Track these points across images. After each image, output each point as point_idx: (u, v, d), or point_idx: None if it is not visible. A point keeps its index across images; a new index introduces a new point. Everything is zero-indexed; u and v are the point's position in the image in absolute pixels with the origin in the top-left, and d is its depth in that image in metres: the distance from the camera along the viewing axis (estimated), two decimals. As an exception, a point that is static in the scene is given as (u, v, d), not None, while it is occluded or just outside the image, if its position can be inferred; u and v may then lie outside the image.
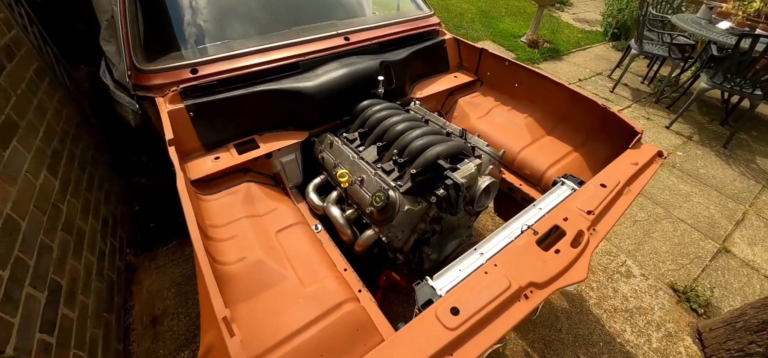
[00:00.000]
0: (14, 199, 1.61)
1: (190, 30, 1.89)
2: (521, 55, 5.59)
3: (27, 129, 1.91)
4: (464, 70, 2.52)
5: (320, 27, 2.09)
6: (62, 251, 1.79)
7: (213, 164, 1.62)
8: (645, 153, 1.58)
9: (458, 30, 6.53)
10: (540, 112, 2.11)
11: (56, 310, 1.58)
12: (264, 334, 1.06)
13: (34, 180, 1.80)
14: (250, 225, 1.42)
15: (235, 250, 1.29)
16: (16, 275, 1.45)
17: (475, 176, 1.35)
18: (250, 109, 1.75)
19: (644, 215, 2.79)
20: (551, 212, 1.28)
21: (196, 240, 1.03)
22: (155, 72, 1.67)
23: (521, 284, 1.00)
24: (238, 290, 1.17)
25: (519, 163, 1.89)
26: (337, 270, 1.34)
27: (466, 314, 0.91)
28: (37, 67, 2.29)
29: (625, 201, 1.36)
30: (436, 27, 2.47)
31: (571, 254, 1.10)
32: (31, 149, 1.88)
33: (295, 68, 1.87)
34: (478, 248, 1.20)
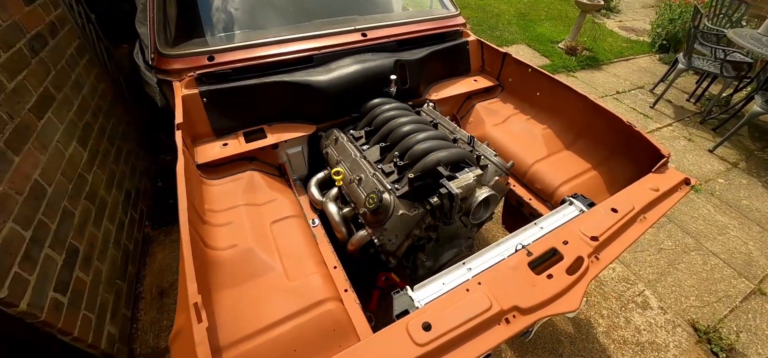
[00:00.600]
0: (43, 166, 1.73)
1: (211, 18, 1.94)
2: (557, 62, 5.32)
3: (62, 102, 2.04)
4: (486, 75, 2.43)
5: (339, 21, 2.08)
6: (83, 218, 1.91)
7: (220, 150, 1.67)
8: (669, 179, 1.44)
9: (493, 31, 6.33)
10: (560, 125, 1.99)
11: (71, 272, 1.70)
12: (242, 322, 1.08)
13: (63, 150, 1.93)
14: (247, 213, 1.44)
15: (229, 236, 1.32)
16: (37, 236, 1.56)
17: (473, 188, 1.29)
18: (261, 99, 1.77)
19: (671, 244, 2.58)
20: (552, 233, 1.20)
21: (183, 223, 1.05)
22: (175, 57, 1.73)
23: (503, 306, 0.94)
24: (225, 276, 1.19)
25: (530, 177, 1.80)
26: (325, 267, 1.33)
27: (437, 331, 0.87)
28: (78, 45, 2.45)
29: (638, 230, 1.25)
30: (460, 28, 2.39)
31: (564, 280, 1.02)
32: (64, 121, 2.01)
33: (309, 61, 1.88)
34: (467, 263, 1.15)
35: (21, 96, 1.73)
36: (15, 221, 1.47)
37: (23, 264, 1.44)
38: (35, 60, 1.91)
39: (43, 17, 2.07)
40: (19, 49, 1.81)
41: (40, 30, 2.02)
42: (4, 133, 1.56)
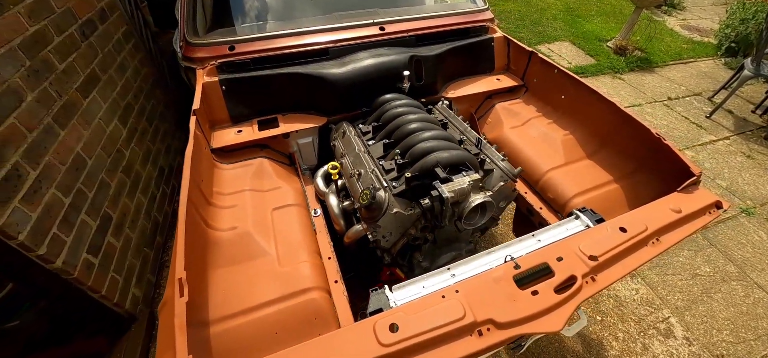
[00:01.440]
0: (85, 141, 1.92)
1: (235, 9, 2.02)
2: (603, 62, 4.93)
3: (106, 83, 2.24)
4: (511, 74, 2.32)
5: (358, 14, 2.08)
6: (118, 189, 2.10)
7: (235, 136, 1.75)
8: (696, 200, 1.30)
9: (535, 27, 6.00)
10: (583, 131, 1.86)
11: (104, 237, 1.88)
12: (231, 301, 1.14)
13: (105, 127, 2.12)
14: (251, 198, 1.51)
15: (230, 219, 1.39)
16: (75, 203, 1.74)
17: (466, 192, 1.24)
18: (276, 89, 1.83)
19: (709, 270, 2.33)
20: (547, 247, 1.13)
21: (182, 203, 1.12)
22: (200, 45, 1.82)
23: (477, 318, 0.91)
24: (221, 256, 1.26)
25: (544, 185, 1.71)
26: (318, 257, 1.37)
27: (403, 333, 0.86)
28: (126, 30, 2.67)
29: (649, 253, 1.15)
30: (486, 23, 2.29)
31: (550, 299, 0.97)
32: (107, 100, 2.21)
33: (324, 54, 1.90)
34: (451, 268, 1.13)
35: (69, 76, 1.93)
36: (57, 188, 1.65)
37: (61, 226, 1.62)
38: (85, 44, 2.11)
39: (94, 4, 2.27)
40: (71, 33, 2.00)
41: (91, 16, 2.23)
42: (52, 110, 1.74)
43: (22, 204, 1.45)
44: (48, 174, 1.62)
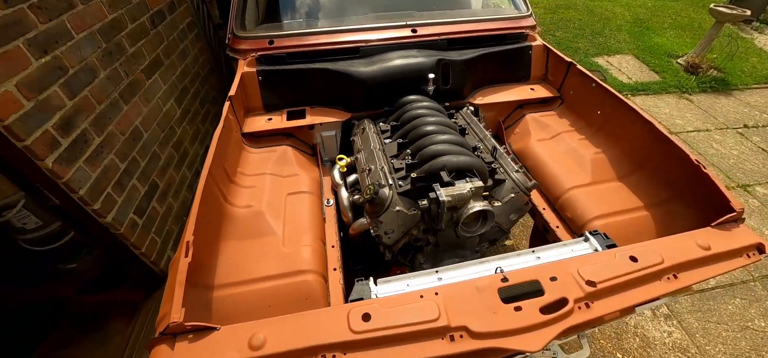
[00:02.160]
0: (144, 116, 2.19)
1: (279, 7, 2.16)
2: (669, 79, 4.46)
3: (168, 67, 2.53)
4: (547, 84, 2.21)
5: (393, 16, 2.12)
6: (167, 162, 2.36)
7: (265, 124, 1.88)
8: (733, 239, 1.16)
9: (596, 37, 5.59)
10: (617, 151, 1.72)
11: (149, 202, 2.13)
12: (236, 270, 1.24)
13: (162, 105, 2.39)
14: (270, 182, 1.62)
15: (247, 198, 1.50)
16: (129, 169, 2.00)
17: (466, 198, 1.22)
18: (307, 83, 1.93)
19: (764, 325, 2.02)
20: (544, 265, 1.08)
21: (203, 177, 1.24)
22: (244, 38, 1.99)
23: (451, 323, 0.90)
24: (234, 230, 1.38)
25: (563, 203, 1.61)
26: (321, 243, 1.43)
27: (375, 324, 0.89)
28: (190, 21, 2.97)
29: (662, 288, 1.05)
30: (526, 31, 2.20)
31: (533, 317, 0.93)
32: (167, 82, 2.49)
33: (355, 53, 1.97)
34: (439, 271, 1.12)
35: (137, 59, 2.20)
36: (115, 154, 1.91)
37: (115, 188, 1.86)
38: (153, 31, 2.40)
39: (164, -3, 2.57)
40: (142, 22, 2.29)
41: (161, 7, 2.52)
42: (119, 87, 2.01)
43: (85, 164, 1.70)
44: (109, 141, 1.88)
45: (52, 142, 1.55)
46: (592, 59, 4.93)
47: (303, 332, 0.89)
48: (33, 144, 1.47)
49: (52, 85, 1.60)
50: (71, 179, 1.62)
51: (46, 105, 1.56)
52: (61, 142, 1.60)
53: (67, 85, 1.67)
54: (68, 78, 1.68)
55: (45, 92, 1.56)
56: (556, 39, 5.52)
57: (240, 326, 0.91)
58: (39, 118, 1.51)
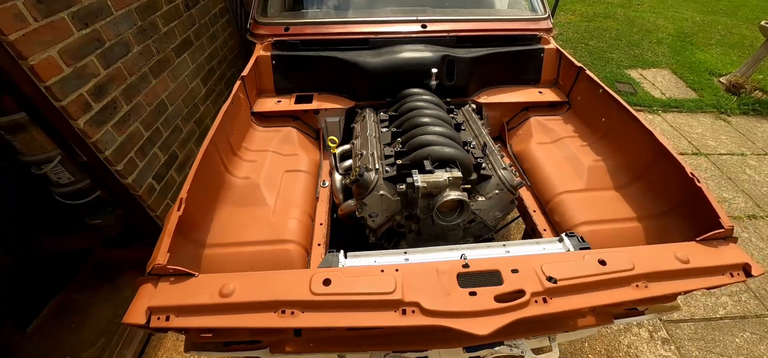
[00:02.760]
0: (170, 91, 2.37)
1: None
2: (706, 98, 4.18)
3: (197, 48, 2.71)
4: (557, 89, 2.17)
5: (403, 10, 2.16)
6: (188, 136, 2.54)
7: (274, 105, 1.99)
8: (716, 256, 1.12)
9: (631, 48, 5.32)
10: (617, 160, 1.68)
11: (168, 171, 2.30)
12: (227, 233, 1.35)
13: (188, 83, 2.57)
14: (270, 158, 1.72)
15: (247, 170, 1.61)
16: (152, 137, 2.17)
17: (442, 186, 1.25)
18: (316, 70, 2.02)
19: (774, 361, 1.88)
20: (508, 258, 1.09)
21: (205, 144, 1.35)
22: (262, 24, 2.11)
23: (405, 298, 0.95)
24: (231, 197, 1.49)
25: (553, 206, 1.59)
26: (308, 218, 1.51)
27: (333, 289, 0.95)
28: (222, 7, 3.15)
29: (628, 295, 1.03)
30: (539, 33, 2.17)
31: (486, 304, 0.95)
32: (195, 62, 2.67)
33: (364, 44, 2.03)
34: (408, 253, 1.16)
35: (169, 38, 2.39)
36: (141, 123, 2.09)
37: (137, 153, 2.04)
38: (186, 14, 2.58)
39: (198, -17, 2.75)
40: (177, 4, 2.47)
41: (195, -8, 2.70)
42: (150, 62, 2.19)
43: (112, 128, 1.88)
44: (136, 111, 2.06)
45: (85, 105, 1.74)
46: (624, 71, 4.71)
47: (268, 288, 0.97)
48: (68, 105, 1.66)
49: (90, 54, 1.78)
50: (99, 140, 1.80)
51: (83, 72, 1.74)
52: (93, 106, 1.78)
53: (103, 56, 1.85)
54: (104, 50, 1.87)
55: (83, 60, 1.74)
56: (589, 48, 5.32)
57: (215, 276, 1.00)
58: (75, 83, 1.70)
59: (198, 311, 0.95)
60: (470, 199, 1.46)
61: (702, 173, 3.21)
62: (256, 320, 0.93)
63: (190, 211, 1.22)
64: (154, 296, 0.97)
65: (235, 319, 0.94)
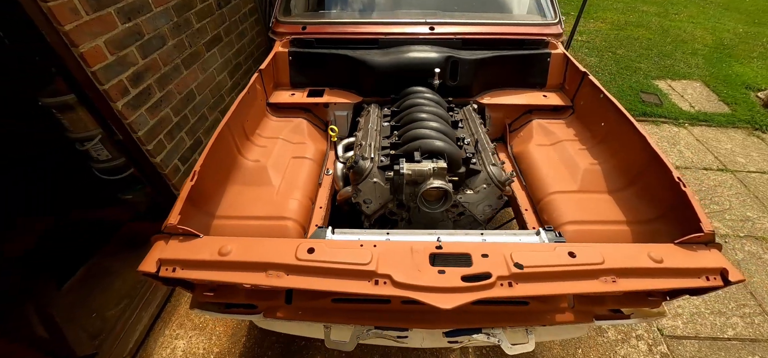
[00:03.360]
0: (199, 82, 2.59)
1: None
2: (741, 112, 3.95)
3: (226, 44, 2.93)
4: (563, 93, 2.19)
5: (413, 13, 2.25)
6: (213, 124, 2.75)
7: (288, 98, 2.14)
8: (694, 259, 1.13)
9: (662, 59, 5.11)
10: (613, 164, 1.68)
11: (192, 154, 2.51)
12: (234, 207, 1.49)
13: (216, 76, 2.79)
14: (280, 145, 1.86)
15: (257, 154, 1.76)
16: (180, 123, 2.39)
17: (426, 175, 1.33)
18: (329, 67, 2.16)
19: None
20: (481, 243, 1.16)
21: (220, 126, 1.51)
22: (283, 23, 2.27)
23: (379, 270, 1.04)
24: (241, 176, 1.64)
25: (544, 206, 1.63)
26: (309, 201, 1.63)
27: (315, 257, 1.06)
28: (252, 7, 3.38)
29: (595, 287, 1.07)
30: (547, 37, 2.20)
31: (453, 282, 1.02)
32: (223, 57, 2.89)
33: (374, 43, 2.14)
34: (390, 233, 1.25)
35: (201, 34, 2.61)
36: (171, 109, 2.30)
37: (166, 136, 2.26)
38: (218, 12, 2.81)
39: (230, -16, 2.98)
40: (210, 2, 2.69)
41: (227, -8, 2.93)
42: (182, 55, 2.42)
43: (146, 112, 2.10)
44: (167, 97, 2.28)
45: (123, 89, 1.96)
46: (652, 81, 4.54)
47: (260, 252, 1.09)
48: (110, 89, 1.88)
49: (131, 45, 2.01)
50: (134, 121, 2.02)
51: (124, 60, 1.96)
52: (131, 91, 2.01)
53: (141, 47, 2.08)
54: (143, 42, 2.09)
55: (124, 50, 1.96)
56: (616, 57, 5.15)
57: (216, 238, 1.14)
58: (117, 70, 1.92)
59: (200, 266, 1.09)
60: (460, 192, 1.54)
61: (726, 191, 3.06)
62: (247, 278, 1.06)
63: (203, 184, 1.37)
64: (164, 250, 1.12)
65: (230, 275, 1.07)
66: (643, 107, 3.96)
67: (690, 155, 3.40)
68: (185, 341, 2.06)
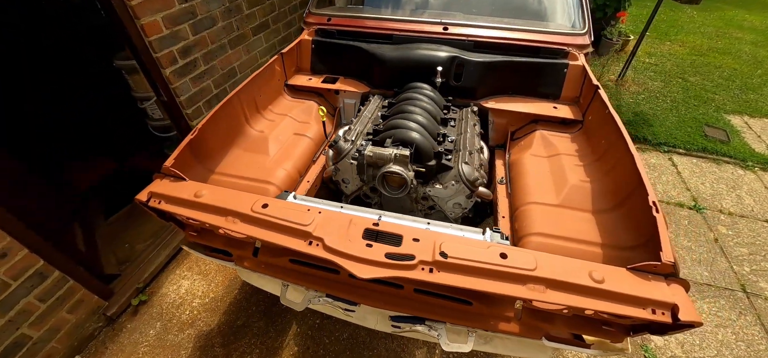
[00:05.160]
0: (241, 62, 2.89)
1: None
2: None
3: (272, 31, 3.22)
4: (575, 107, 2.05)
5: (433, 13, 2.28)
6: (250, 99, 3.05)
7: (305, 82, 2.31)
8: (643, 288, 1.03)
9: (744, 92, 4.37)
10: (605, 184, 1.55)
11: (228, 122, 2.83)
12: (230, 166, 1.69)
13: (258, 58, 3.09)
14: (287, 122, 2.04)
15: (263, 126, 1.95)
16: (219, 95, 2.70)
17: (386, 159, 1.37)
18: (345, 57, 2.28)
19: None
20: (417, 229, 1.17)
21: (230, 95, 1.72)
22: (313, 14, 2.45)
23: (314, 233, 1.13)
24: (243, 142, 1.83)
25: (518, 214, 1.56)
26: (297, 173, 1.78)
27: (266, 212, 1.18)
28: (303, 0, 3.66)
29: (519, 291, 1.04)
30: (566, 47, 2.06)
31: (376, 255, 1.07)
32: (268, 42, 3.18)
33: (389, 38, 2.22)
34: (344, 207, 1.33)
35: (249, 19, 2.91)
36: (212, 82, 2.62)
37: (205, 104, 2.58)
38: (268, 1, 3.11)
39: (281, -23, 3.26)
40: (261, -7, 3.00)
41: (278, -16, 3.22)
42: (230, 36, 2.73)
43: (190, 81, 2.43)
44: (210, 71, 2.60)
45: (173, 59, 2.29)
46: (723, 116, 3.93)
47: (225, 200, 1.25)
48: (161, 57, 2.22)
49: (184, 23, 2.34)
50: (178, 87, 2.36)
51: (177, 35, 2.30)
52: (179, 61, 2.34)
53: (193, 25, 2.41)
54: (196, 21, 2.42)
55: (178, 26, 2.30)
56: (686, 84, 4.54)
57: (196, 183, 1.33)
58: (170, 42, 2.26)
59: (178, 203, 1.28)
60: (429, 184, 1.55)
61: (791, 250, 2.57)
62: (210, 218, 1.23)
63: (207, 143, 1.59)
64: (157, 186, 1.34)
65: (199, 214, 1.24)
66: (704, 142, 3.46)
67: (751, 203, 2.91)
68: (189, 282, 2.36)
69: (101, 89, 3.18)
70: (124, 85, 2.76)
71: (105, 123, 3.27)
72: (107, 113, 3.26)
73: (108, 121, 3.28)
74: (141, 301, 2.23)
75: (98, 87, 3.20)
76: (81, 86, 3.25)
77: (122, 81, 2.74)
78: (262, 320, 2.13)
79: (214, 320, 2.14)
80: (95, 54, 2.96)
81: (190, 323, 2.13)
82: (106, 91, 3.16)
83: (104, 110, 3.27)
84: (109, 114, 3.26)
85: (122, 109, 3.05)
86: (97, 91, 3.24)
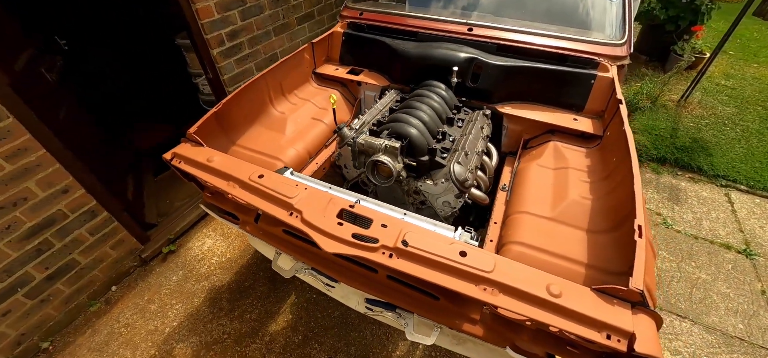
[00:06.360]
0: (284, 49, 3.13)
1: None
2: None
3: (316, 21, 3.43)
4: (599, 121, 1.92)
5: (459, 13, 2.27)
6: (288, 84, 3.30)
7: (332, 71, 2.45)
8: (602, 311, 1.00)
9: None
10: (606, 203, 1.47)
11: (265, 103, 3.09)
12: (248, 139, 1.89)
13: (299, 44, 3.32)
14: (308, 107, 2.20)
15: (285, 108, 2.13)
16: (252, 72, 2.97)
17: (376, 148, 1.43)
18: (371, 51, 2.37)
19: None
20: (388, 216, 1.23)
21: (256, 77, 1.92)
22: (349, 8, 2.58)
23: (295, 206, 1.25)
24: (265, 120, 2.03)
25: (508, 222, 1.54)
26: (306, 153, 1.93)
27: (260, 183, 1.33)
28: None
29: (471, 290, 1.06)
30: (599, 58, 1.94)
31: (343, 233, 1.16)
32: (312, 32, 3.40)
33: (414, 36, 2.26)
34: (332, 189, 1.44)
35: (295, 9, 3.14)
36: (255, 65, 2.89)
37: (238, 80, 2.85)
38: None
39: (328, -28, 3.44)
40: (307, -15, 3.21)
41: (325, -21, 3.40)
42: (275, 24, 2.97)
43: (234, 62, 2.71)
44: (254, 55, 2.87)
45: (220, 41, 2.58)
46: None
47: (230, 167, 1.43)
48: (211, 39, 2.51)
49: (234, 9, 2.61)
50: (223, 66, 2.64)
51: (226, 19, 2.57)
52: (226, 44, 2.62)
53: (242, 12, 2.67)
54: (244, 8, 2.68)
55: (228, 12, 2.57)
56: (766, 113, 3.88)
57: (210, 150, 1.53)
58: (220, 25, 2.54)
59: (194, 164, 1.49)
60: (421, 179, 1.60)
61: None
62: (215, 181, 1.41)
63: (232, 117, 1.80)
64: (181, 149, 1.56)
65: (207, 176, 1.44)
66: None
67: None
68: (212, 241, 2.66)
69: (165, 64, 3.67)
70: (182, 62, 3.16)
71: (166, 94, 3.77)
72: (169, 86, 3.75)
73: (169, 93, 3.77)
74: (170, 251, 2.58)
75: (162, 62, 3.69)
76: (149, 61, 3.78)
77: (181, 58, 3.13)
78: (267, 285, 2.34)
79: (226, 277, 2.40)
80: (161, 34, 3.42)
81: (206, 277, 2.42)
82: (168, 66, 3.63)
83: (167, 83, 3.77)
84: (170, 86, 3.74)
85: (181, 83, 3.50)
86: (161, 66, 3.74)
